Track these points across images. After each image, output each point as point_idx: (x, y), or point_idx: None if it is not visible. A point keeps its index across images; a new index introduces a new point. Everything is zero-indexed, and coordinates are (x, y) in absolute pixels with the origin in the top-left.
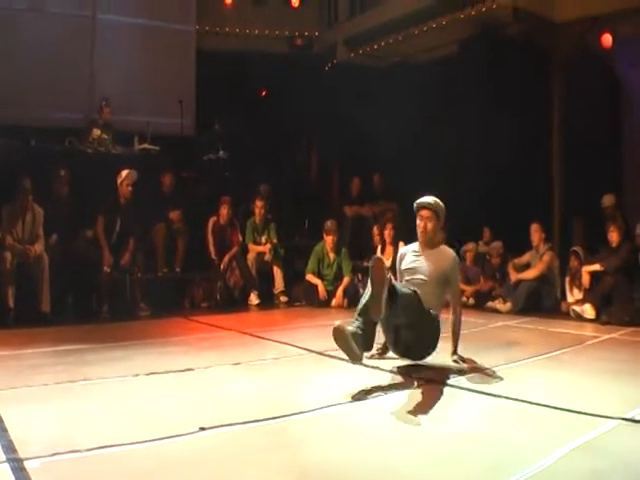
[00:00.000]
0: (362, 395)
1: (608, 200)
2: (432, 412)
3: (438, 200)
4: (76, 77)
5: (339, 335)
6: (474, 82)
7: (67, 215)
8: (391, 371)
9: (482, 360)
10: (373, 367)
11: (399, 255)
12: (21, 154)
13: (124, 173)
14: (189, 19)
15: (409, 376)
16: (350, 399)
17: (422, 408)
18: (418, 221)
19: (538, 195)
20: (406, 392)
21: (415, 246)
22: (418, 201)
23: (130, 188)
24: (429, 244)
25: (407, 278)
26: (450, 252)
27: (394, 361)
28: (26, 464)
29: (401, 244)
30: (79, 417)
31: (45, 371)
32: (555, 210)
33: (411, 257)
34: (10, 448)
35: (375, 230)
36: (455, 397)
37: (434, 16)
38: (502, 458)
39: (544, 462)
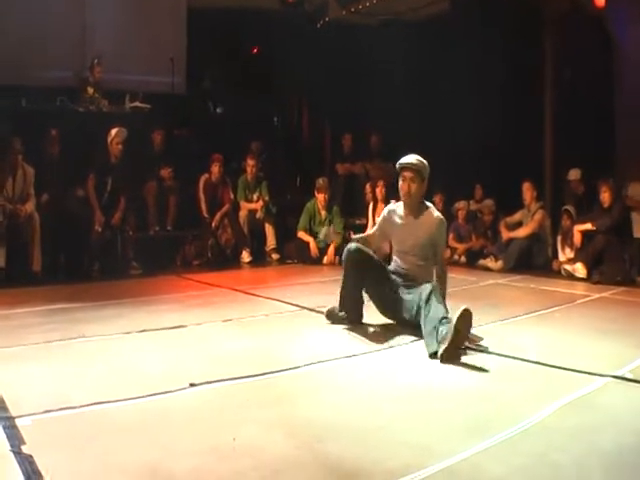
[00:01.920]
0: (353, 351)
1: (574, 174)
2: (423, 369)
3: (421, 159)
4: (67, 36)
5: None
6: (466, 39)
7: (58, 174)
8: (383, 328)
9: (473, 318)
10: (365, 324)
11: (384, 214)
12: (12, 114)
13: (113, 132)
14: None
15: (401, 333)
16: (341, 355)
17: (413, 365)
18: (401, 182)
19: (530, 153)
20: (397, 349)
21: (400, 209)
22: (400, 161)
23: (120, 146)
24: (413, 207)
25: (396, 249)
26: (435, 216)
27: (386, 319)
28: (17, 422)
29: (392, 202)
30: (71, 375)
31: (37, 330)
32: (547, 168)
33: (397, 223)
34: (1, 407)
35: (367, 187)
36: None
37: None
38: (493, 414)
39: (534, 418)
